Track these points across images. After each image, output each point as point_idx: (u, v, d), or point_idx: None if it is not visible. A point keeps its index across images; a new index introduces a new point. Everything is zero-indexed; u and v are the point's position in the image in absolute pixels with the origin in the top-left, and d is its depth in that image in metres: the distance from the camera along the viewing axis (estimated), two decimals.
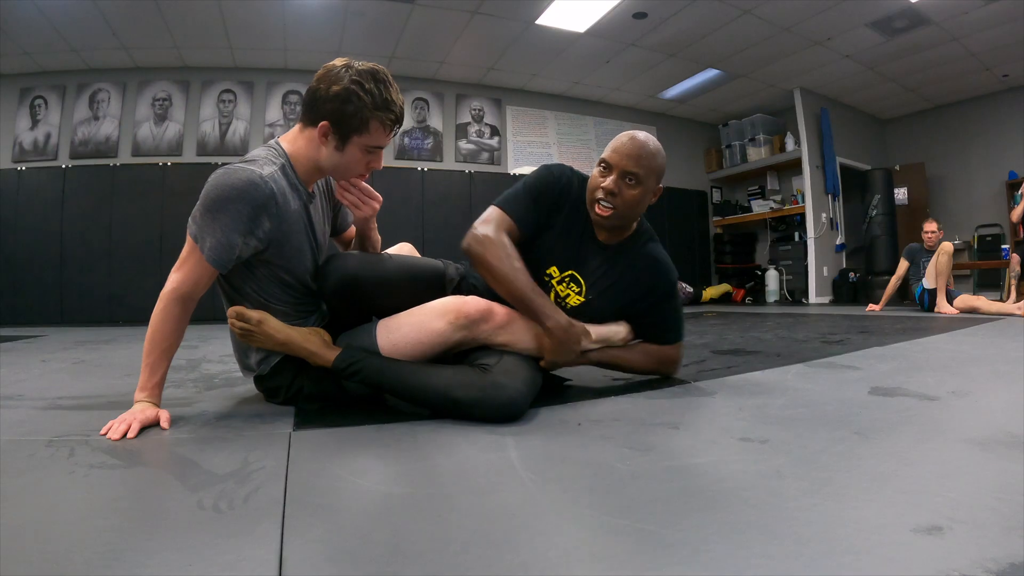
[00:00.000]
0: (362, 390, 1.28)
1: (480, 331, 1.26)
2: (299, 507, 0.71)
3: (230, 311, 1.21)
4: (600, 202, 1.35)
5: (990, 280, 6.20)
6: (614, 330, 1.45)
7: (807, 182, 6.55)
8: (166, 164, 5.32)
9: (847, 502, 0.69)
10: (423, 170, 5.94)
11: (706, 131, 7.93)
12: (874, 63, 5.86)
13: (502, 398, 1.11)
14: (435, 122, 6.32)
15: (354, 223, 1.43)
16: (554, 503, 0.71)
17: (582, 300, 1.42)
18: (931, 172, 7.02)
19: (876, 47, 5.49)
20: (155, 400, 1.16)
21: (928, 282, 4.36)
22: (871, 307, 4.80)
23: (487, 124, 6.55)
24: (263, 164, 1.18)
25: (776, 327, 3.35)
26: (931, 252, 4.43)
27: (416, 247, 1.62)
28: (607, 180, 1.34)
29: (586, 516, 0.67)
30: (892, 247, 6.36)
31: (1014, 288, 4.64)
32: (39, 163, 5.23)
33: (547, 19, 4.98)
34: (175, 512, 0.71)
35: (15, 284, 4.90)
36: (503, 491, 0.76)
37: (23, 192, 5.04)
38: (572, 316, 1.37)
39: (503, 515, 0.68)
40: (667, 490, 0.75)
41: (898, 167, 7.00)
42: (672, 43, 5.47)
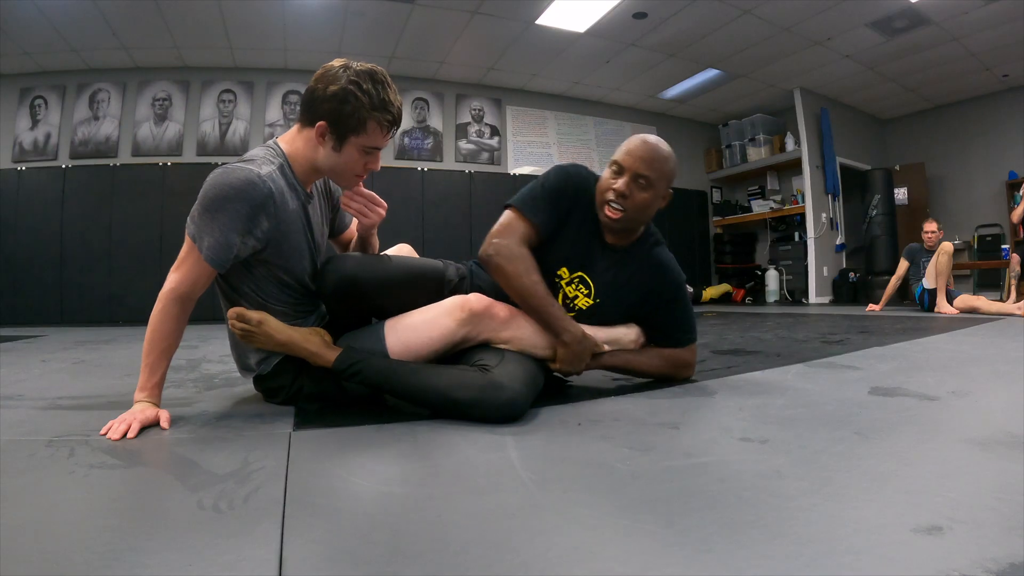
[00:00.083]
0: (362, 391, 1.28)
1: (484, 327, 1.27)
2: (299, 507, 0.71)
3: (230, 312, 1.20)
4: (610, 204, 1.35)
5: (990, 280, 6.20)
6: (623, 332, 1.45)
7: (807, 182, 6.55)
8: (166, 164, 5.33)
9: (847, 502, 0.69)
10: (423, 170, 5.94)
11: (706, 131, 7.93)
12: (874, 63, 5.86)
13: (501, 399, 1.11)
14: (435, 122, 6.32)
15: (358, 230, 1.43)
16: (554, 503, 0.71)
17: (591, 302, 1.42)
18: (931, 172, 7.02)
19: (876, 47, 5.49)
20: (155, 400, 1.16)
21: (928, 282, 4.36)
22: (871, 307, 4.80)
23: (487, 124, 6.55)
24: (261, 163, 1.18)
25: (776, 327, 3.35)
26: (931, 252, 4.43)
27: (416, 247, 1.62)
28: (618, 182, 1.34)
29: (586, 516, 0.67)
30: (892, 247, 6.36)
31: (1014, 288, 4.64)
32: (39, 163, 5.23)
33: (547, 19, 4.98)
34: (175, 512, 0.71)
35: (15, 284, 4.90)
36: (503, 491, 0.76)
37: (23, 192, 5.05)
38: (581, 318, 1.38)
39: (503, 515, 0.68)
40: (667, 490, 0.75)
41: (898, 167, 7.00)
42: (672, 43, 5.47)
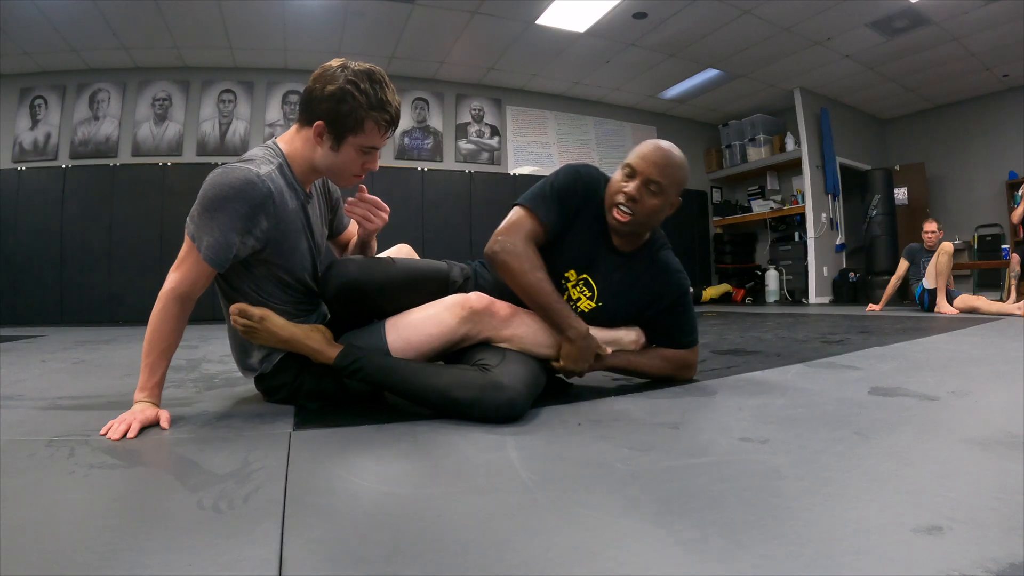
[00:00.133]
0: (363, 388, 1.28)
1: (484, 325, 1.27)
2: (299, 507, 0.71)
3: (232, 308, 1.20)
4: (620, 206, 1.35)
5: (990, 280, 6.20)
6: (623, 333, 1.45)
7: (807, 182, 6.55)
8: (166, 164, 5.33)
9: (847, 502, 0.69)
10: (423, 170, 5.94)
11: (706, 131, 7.93)
12: (874, 63, 5.86)
13: (501, 399, 1.11)
14: (435, 122, 6.32)
15: (360, 234, 1.44)
16: (554, 503, 0.71)
17: (593, 305, 1.42)
18: (931, 172, 7.02)
19: (876, 47, 5.49)
20: (155, 400, 1.16)
21: (928, 282, 4.36)
22: (871, 307, 4.80)
23: (487, 124, 6.55)
24: (260, 163, 1.18)
25: (776, 327, 3.35)
26: (931, 252, 4.43)
27: (416, 247, 1.62)
28: (630, 185, 1.34)
29: (586, 516, 0.67)
30: (892, 247, 6.36)
31: (1014, 288, 4.64)
32: (39, 163, 5.23)
33: (547, 19, 4.98)
34: (175, 512, 0.71)
35: (15, 284, 4.91)
36: (503, 491, 0.76)
37: (23, 192, 5.05)
38: (583, 320, 1.37)
39: (503, 515, 0.68)
40: (667, 490, 0.75)
41: (898, 167, 6.99)
42: (672, 43, 5.47)
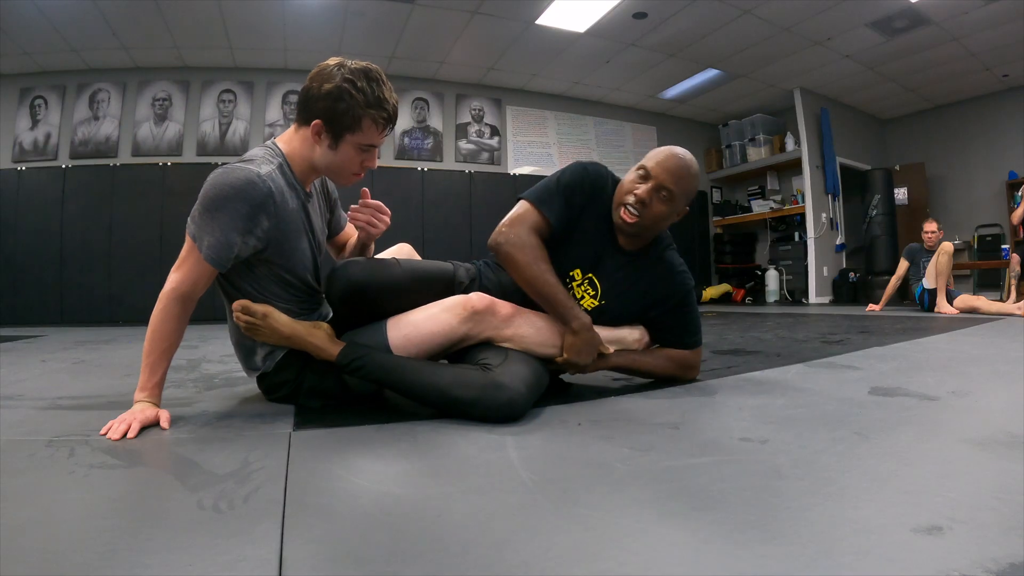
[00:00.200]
0: (364, 386, 1.28)
1: (486, 325, 1.27)
2: (299, 507, 0.71)
3: (235, 304, 1.21)
4: (628, 207, 1.35)
5: (990, 280, 6.20)
6: (626, 332, 1.45)
7: (807, 182, 6.55)
8: (166, 164, 5.33)
9: (847, 502, 0.69)
10: (423, 170, 5.94)
11: (706, 131, 7.93)
12: (874, 63, 5.86)
13: (501, 399, 1.11)
14: (435, 122, 6.32)
15: (362, 238, 1.44)
16: (554, 503, 0.71)
17: (597, 304, 1.42)
18: (931, 172, 7.02)
19: (876, 47, 5.48)
20: (155, 400, 1.16)
21: (928, 282, 4.36)
22: (871, 307, 4.80)
23: (487, 124, 6.55)
24: (261, 163, 1.18)
25: (776, 327, 3.35)
26: (931, 252, 4.43)
27: (416, 247, 1.62)
28: (641, 188, 1.34)
29: (586, 516, 0.67)
30: (892, 247, 6.36)
31: (1014, 288, 4.65)
32: (39, 163, 5.23)
33: (547, 19, 4.98)
34: (175, 512, 0.71)
35: (15, 284, 4.90)
36: (503, 491, 0.76)
37: (23, 192, 5.05)
38: None
39: (503, 515, 0.68)
40: (667, 490, 0.75)
41: (898, 167, 7.00)
42: (672, 43, 5.47)
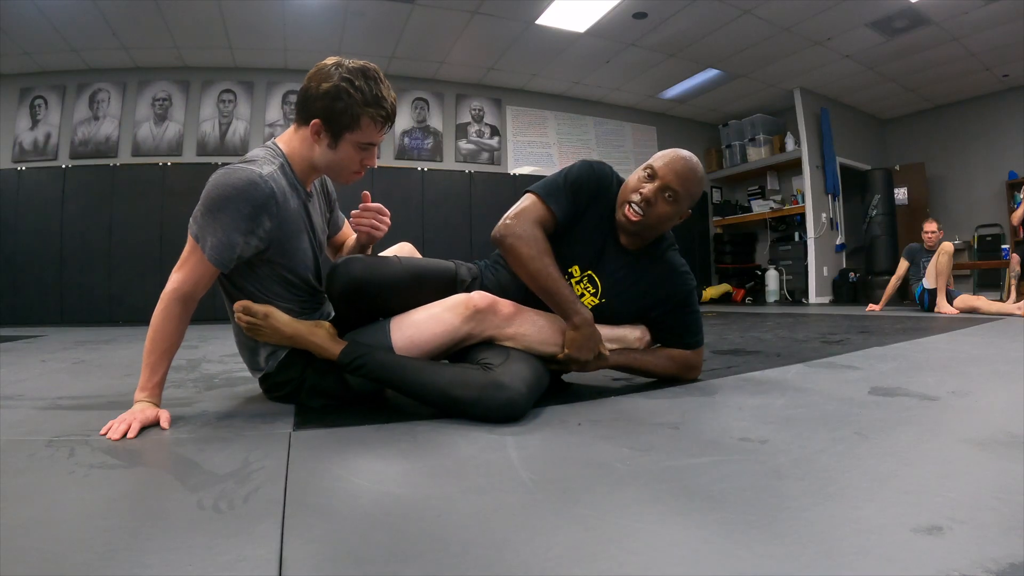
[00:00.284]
0: (365, 386, 1.28)
1: (487, 324, 1.27)
2: (299, 507, 0.71)
3: (237, 305, 1.21)
4: (632, 205, 1.35)
5: (990, 280, 6.20)
6: (627, 331, 1.45)
7: (807, 182, 6.55)
8: (166, 164, 5.33)
9: (847, 502, 0.69)
10: (423, 170, 5.93)
11: (706, 131, 7.93)
12: (874, 63, 5.86)
13: (501, 399, 1.11)
14: (435, 122, 6.32)
15: (363, 241, 1.44)
16: (554, 503, 0.71)
17: (596, 302, 1.42)
18: (931, 172, 7.02)
19: (876, 47, 5.48)
20: (155, 400, 1.17)
21: (928, 282, 4.36)
22: (871, 307, 4.80)
23: (487, 124, 6.55)
24: (262, 163, 1.19)
25: (776, 327, 3.35)
26: (931, 252, 4.43)
27: (416, 247, 1.62)
28: (648, 187, 1.34)
29: (586, 516, 0.67)
30: (892, 247, 6.36)
31: (1014, 288, 4.65)
32: (39, 163, 5.22)
33: (547, 19, 4.98)
34: (175, 512, 0.71)
35: (15, 284, 4.90)
36: (503, 491, 0.76)
37: (23, 192, 5.05)
38: None
39: (503, 515, 0.68)
40: (667, 490, 0.75)
41: (898, 167, 7.00)
42: (672, 43, 5.47)
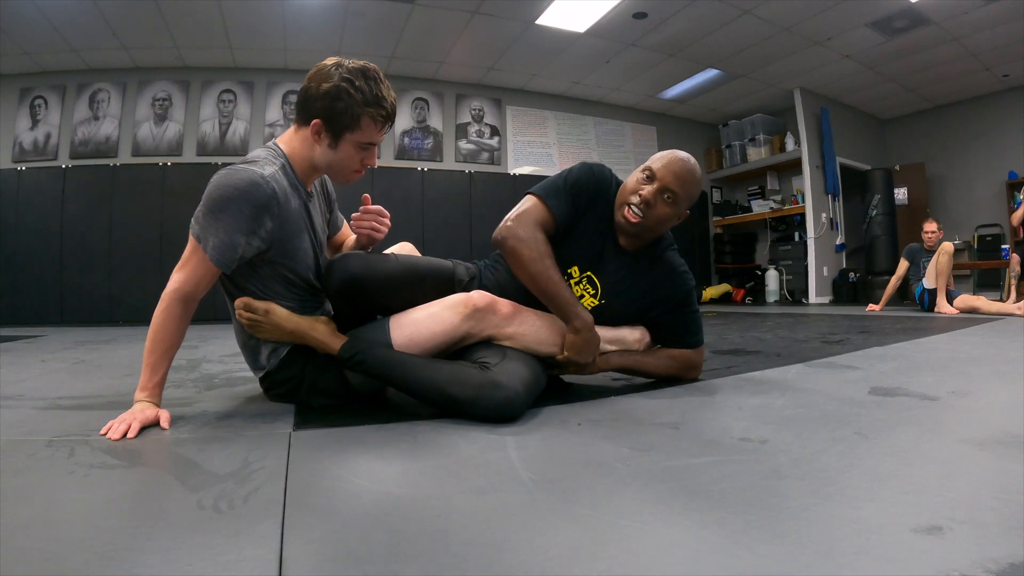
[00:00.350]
0: (365, 384, 1.28)
1: (487, 323, 1.27)
2: (299, 507, 0.71)
3: (238, 302, 1.22)
4: (632, 207, 1.36)
5: (990, 280, 6.20)
6: (627, 332, 1.45)
7: (807, 182, 6.55)
8: (166, 164, 5.32)
9: (847, 502, 0.69)
10: (423, 170, 5.93)
11: (706, 131, 7.93)
12: (874, 63, 5.86)
13: (498, 398, 1.11)
14: (435, 122, 6.32)
15: (363, 243, 1.44)
16: (554, 503, 0.71)
17: (596, 303, 1.42)
18: (931, 172, 7.02)
19: (876, 47, 5.48)
20: (155, 400, 1.17)
21: (928, 282, 4.36)
22: (871, 307, 4.80)
23: (487, 124, 6.55)
24: (264, 164, 1.19)
25: (776, 327, 3.35)
26: (931, 252, 4.43)
27: (416, 247, 1.62)
28: (647, 189, 1.35)
29: (586, 516, 0.67)
30: (892, 247, 6.36)
31: (1014, 288, 4.65)
32: (39, 163, 5.22)
33: (547, 19, 4.98)
34: (175, 512, 0.71)
35: (15, 284, 4.90)
36: (503, 491, 0.76)
37: (23, 192, 5.04)
38: None
39: (503, 515, 0.68)
40: (667, 490, 0.75)
41: (898, 167, 6.99)
42: (672, 43, 5.47)
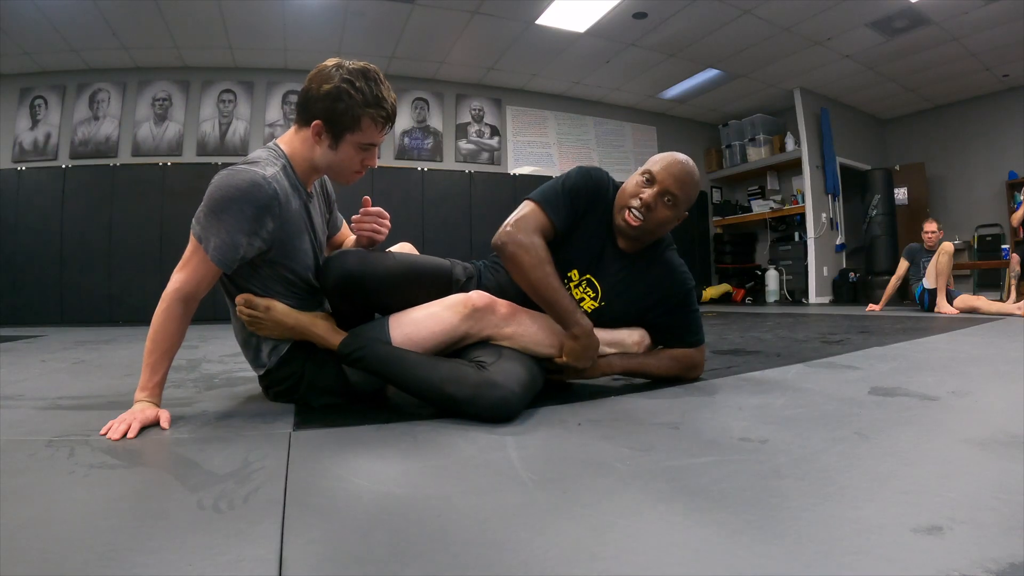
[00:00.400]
0: (364, 383, 1.28)
1: (486, 323, 1.27)
2: (299, 507, 0.71)
3: (238, 298, 1.22)
4: (632, 210, 1.36)
5: (990, 280, 6.20)
6: (626, 334, 1.45)
7: (807, 182, 6.55)
8: (166, 164, 5.32)
9: (847, 502, 0.69)
10: (423, 170, 5.93)
11: (706, 131, 7.93)
12: (874, 63, 5.86)
13: (494, 397, 1.11)
14: (435, 122, 6.32)
15: (363, 244, 1.44)
16: (554, 503, 0.71)
17: (596, 305, 1.42)
18: (931, 172, 7.02)
19: (876, 47, 5.48)
20: (155, 400, 1.17)
21: (928, 282, 4.36)
22: (871, 307, 4.80)
23: (487, 124, 6.55)
24: (265, 165, 1.19)
25: (776, 327, 3.35)
26: (931, 252, 4.43)
27: (416, 247, 1.62)
28: (647, 192, 1.35)
29: (586, 516, 0.67)
30: (892, 247, 6.36)
31: (1014, 288, 4.65)
32: (39, 163, 5.22)
33: (547, 19, 4.98)
34: (175, 512, 0.71)
35: (15, 284, 4.90)
36: (503, 491, 0.76)
37: (23, 192, 5.04)
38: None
39: (503, 515, 0.68)
40: (667, 490, 0.75)
41: (898, 167, 6.99)
42: (672, 43, 5.47)
